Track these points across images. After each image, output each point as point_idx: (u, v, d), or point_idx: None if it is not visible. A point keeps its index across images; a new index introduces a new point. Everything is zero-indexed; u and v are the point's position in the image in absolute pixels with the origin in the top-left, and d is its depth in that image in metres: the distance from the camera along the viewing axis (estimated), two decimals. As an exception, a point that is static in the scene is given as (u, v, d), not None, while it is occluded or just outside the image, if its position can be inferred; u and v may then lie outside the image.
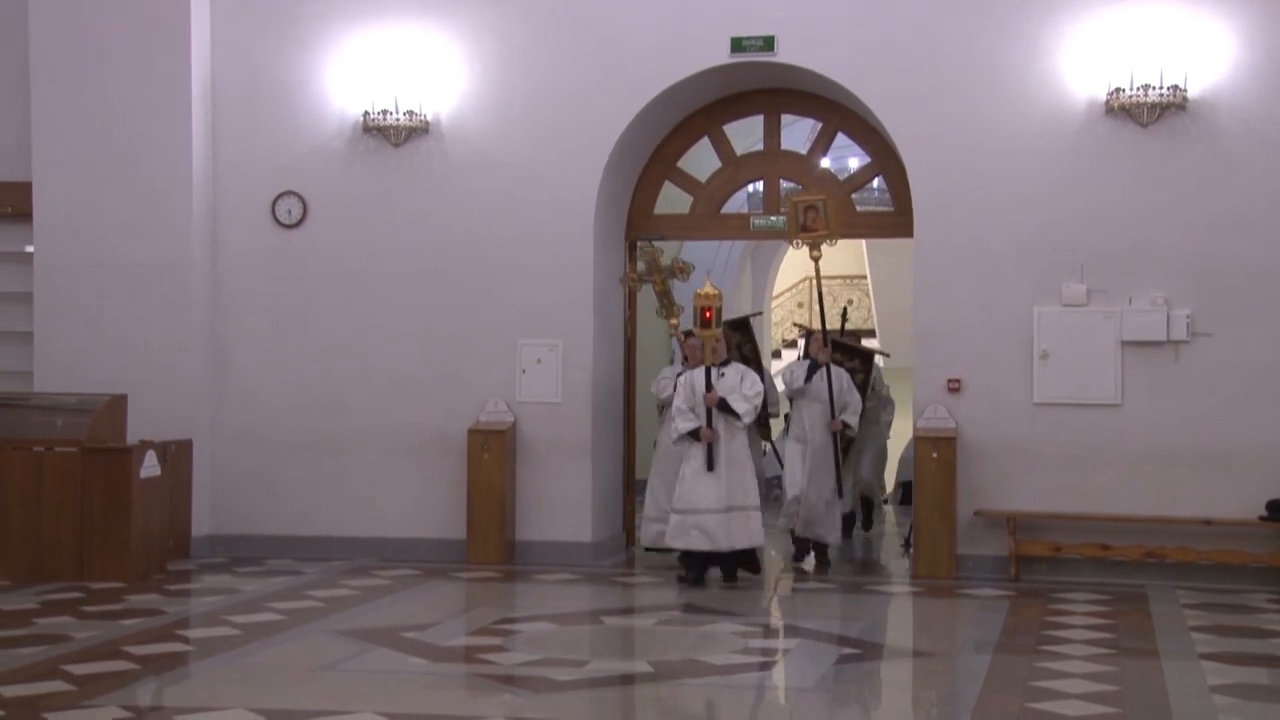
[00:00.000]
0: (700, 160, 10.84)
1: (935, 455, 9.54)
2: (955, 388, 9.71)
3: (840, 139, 10.59)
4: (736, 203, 11.65)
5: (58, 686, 6.34)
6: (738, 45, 9.90)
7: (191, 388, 10.30)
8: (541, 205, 10.12)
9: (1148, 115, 9.40)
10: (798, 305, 21.33)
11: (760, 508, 9.30)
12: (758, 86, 10.38)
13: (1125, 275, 9.53)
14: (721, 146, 10.64)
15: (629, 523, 10.88)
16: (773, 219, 10.62)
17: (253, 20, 10.44)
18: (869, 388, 11.48)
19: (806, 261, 10.37)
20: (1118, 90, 9.40)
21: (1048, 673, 6.75)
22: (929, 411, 9.71)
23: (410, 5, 10.29)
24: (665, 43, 9.98)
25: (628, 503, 10.87)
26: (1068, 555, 9.51)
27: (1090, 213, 9.56)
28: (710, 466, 9.03)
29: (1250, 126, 9.34)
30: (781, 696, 6.78)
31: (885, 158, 10.26)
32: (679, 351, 10.59)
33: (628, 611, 8.60)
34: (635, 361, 10.95)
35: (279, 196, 10.43)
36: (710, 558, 9.17)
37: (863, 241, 17.77)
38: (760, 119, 10.58)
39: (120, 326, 10.24)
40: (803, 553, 10.24)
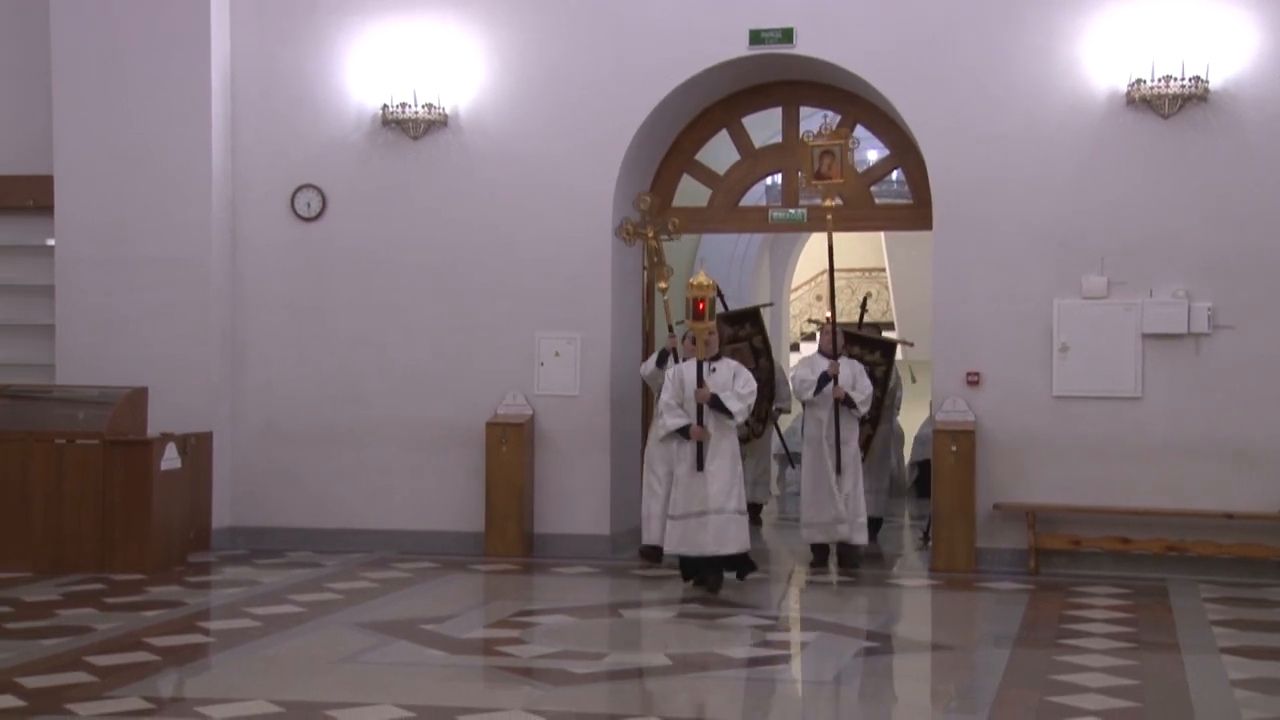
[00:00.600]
0: (719, 153, 10.82)
1: (954, 448, 9.51)
2: (974, 381, 9.69)
3: (859, 131, 10.55)
4: (755, 195, 11.61)
5: (80, 677, 6.38)
6: (756, 37, 9.88)
7: (211, 380, 10.34)
8: (560, 198, 10.12)
9: (1169, 107, 9.35)
10: (816, 298, 21.27)
11: (746, 512, 8.84)
12: (776, 79, 10.36)
13: (1146, 268, 9.48)
14: (740, 139, 10.63)
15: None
16: (791, 212, 10.60)
17: (272, 15, 10.47)
18: (888, 386, 11.17)
19: (824, 255, 10.32)
20: (1139, 81, 9.35)
21: (1067, 666, 6.73)
22: (948, 404, 9.68)
23: (429, -2, 10.31)
24: (683, 35, 9.97)
25: (646, 495, 10.86)
26: (1087, 549, 9.48)
27: (1111, 205, 9.52)
28: (700, 466, 8.63)
29: (1273, 118, 9.28)
30: (800, 690, 6.77)
31: (904, 150, 10.22)
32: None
33: (646, 604, 8.60)
34: (653, 354, 10.93)
35: (298, 190, 10.46)
36: (707, 561, 8.70)
37: (881, 234, 17.74)
38: (779, 111, 10.56)
39: (141, 319, 10.29)
40: (823, 558, 9.79)
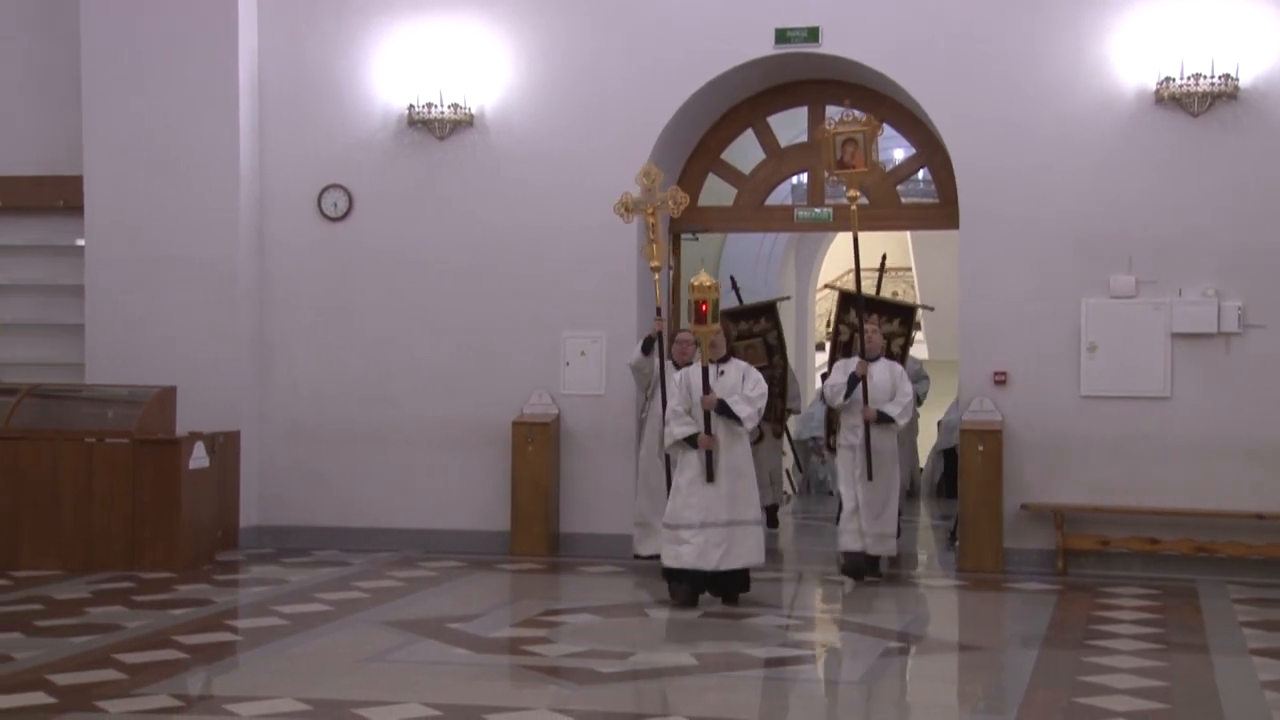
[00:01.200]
0: (744, 152, 10.81)
1: (981, 448, 9.47)
2: (1001, 380, 9.64)
3: (885, 130, 10.51)
4: (780, 194, 11.62)
5: (110, 675, 6.42)
6: (782, 36, 9.86)
7: (239, 380, 10.39)
8: (585, 197, 10.12)
9: (1198, 105, 9.28)
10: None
11: (762, 522, 8.41)
12: (802, 78, 10.34)
13: (1175, 267, 9.42)
14: (765, 138, 10.61)
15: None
16: (817, 211, 10.58)
17: (299, 16, 10.51)
18: (907, 362, 10.53)
19: (850, 254, 10.27)
20: (1168, 80, 9.29)
21: (1096, 667, 6.69)
22: (975, 404, 9.64)
23: (455, -1, 10.33)
24: (709, 34, 9.96)
25: (671, 495, 10.85)
26: (1116, 549, 9.42)
27: (1139, 203, 9.46)
28: (710, 476, 8.06)
29: (1303, 115, 9.21)
30: (827, 690, 6.76)
31: (930, 149, 10.19)
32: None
33: (671, 604, 8.59)
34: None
35: (325, 190, 10.50)
36: (704, 577, 8.15)
37: (908, 234, 17.67)
38: (804, 110, 10.54)
39: (169, 319, 10.35)
40: (854, 567, 9.17)
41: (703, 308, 8.13)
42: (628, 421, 10.11)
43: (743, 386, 8.21)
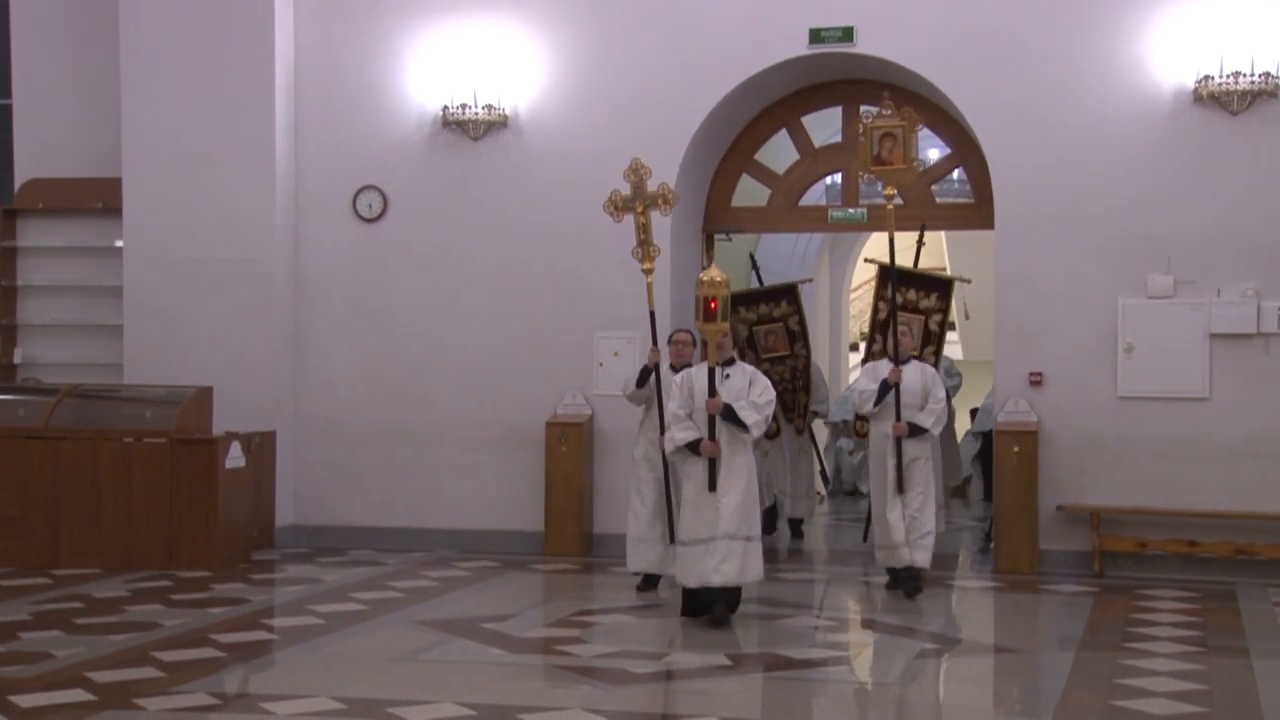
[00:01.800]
0: (778, 152, 10.79)
1: (1017, 449, 9.42)
2: (1037, 381, 9.58)
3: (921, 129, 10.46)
4: (814, 195, 11.57)
5: (148, 673, 6.47)
6: (816, 36, 9.84)
7: (275, 380, 10.46)
8: (619, 198, 10.11)
9: (1238, 103, 9.20)
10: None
11: (759, 538, 7.78)
12: (836, 78, 10.31)
13: (1213, 266, 9.34)
14: (799, 138, 10.59)
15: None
16: (851, 211, 10.54)
17: (334, 18, 10.57)
18: (943, 347, 10.16)
19: (885, 254, 10.22)
20: (1207, 78, 9.20)
21: (1133, 670, 6.64)
22: (1010, 405, 9.58)
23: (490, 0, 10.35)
24: (743, 34, 9.95)
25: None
26: (1153, 551, 9.34)
27: (1177, 203, 9.38)
28: (713, 485, 7.57)
29: (1345, 113, 9.11)
30: (861, 691, 6.73)
31: (965, 149, 10.14)
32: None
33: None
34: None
35: (360, 191, 10.55)
36: (713, 594, 7.65)
37: (942, 234, 17.57)
38: (839, 110, 10.51)
39: (206, 319, 10.43)
40: (898, 583, 8.68)
41: (711, 305, 7.57)
42: (661, 422, 10.09)
43: (749, 392, 7.68)
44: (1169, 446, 9.37)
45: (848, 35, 9.80)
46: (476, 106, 10.22)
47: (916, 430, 8.62)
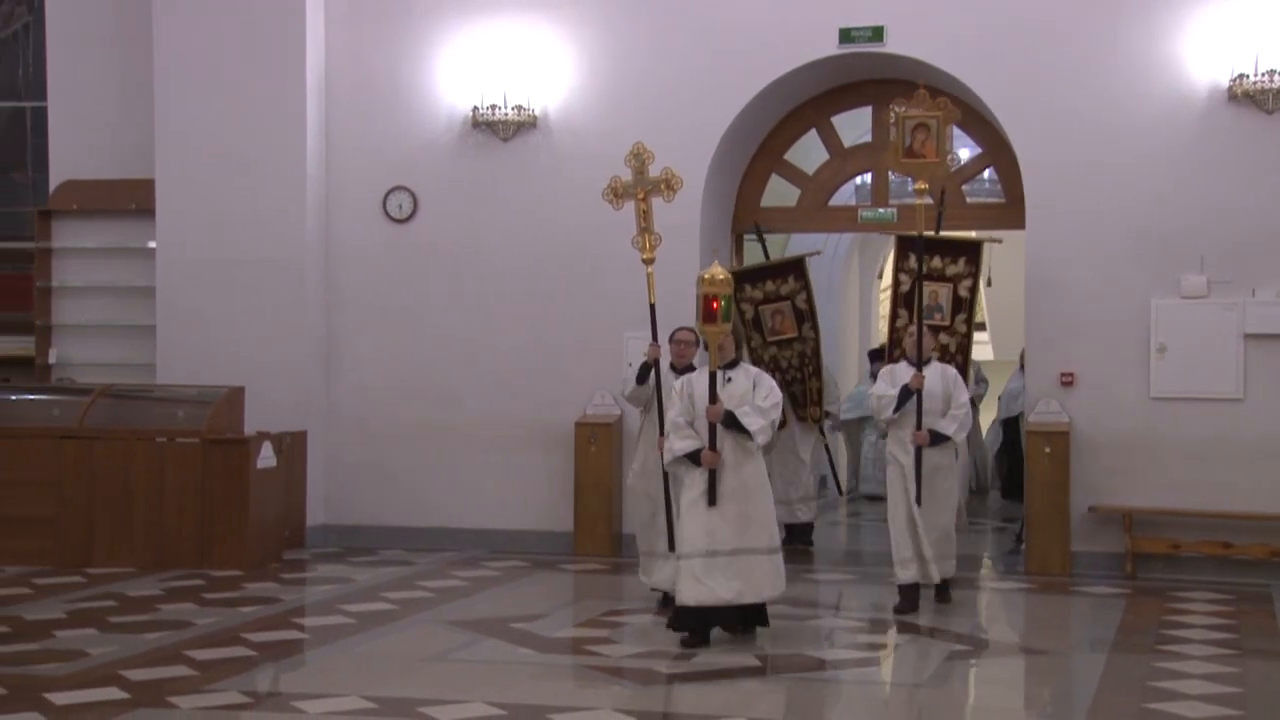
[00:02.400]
0: (807, 152, 10.76)
1: (1048, 450, 9.37)
2: (1069, 381, 9.53)
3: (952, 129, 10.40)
4: (844, 195, 11.53)
5: (181, 671, 6.52)
6: (846, 36, 9.81)
7: (306, 380, 10.51)
8: (648, 198, 10.10)
9: (1273, 102, 9.12)
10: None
11: (780, 549, 7.31)
12: (866, 77, 10.28)
13: (1248, 266, 9.26)
14: (829, 138, 10.56)
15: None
16: (881, 211, 10.51)
17: (365, 19, 10.62)
18: (969, 371, 9.53)
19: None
20: (1241, 76, 9.13)
21: (1166, 673, 6.60)
22: (1041, 405, 9.53)
23: (520, 0, 10.37)
24: (773, 34, 9.93)
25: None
26: (1187, 553, 9.27)
27: (1211, 202, 9.31)
28: (712, 500, 7.04)
29: (1381, 111, 9.02)
30: (891, 693, 6.71)
31: (996, 148, 10.09)
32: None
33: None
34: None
35: (390, 191, 10.59)
36: (714, 612, 7.16)
37: (972, 233, 17.50)
38: (869, 110, 10.48)
39: (238, 320, 10.49)
40: (911, 604, 8.14)
41: (713, 305, 7.06)
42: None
43: (753, 395, 7.14)
44: (1202, 447, 9.30)
45: (878, 35, 9.77)
46: (506, 107, 10.24)
47: (939, 438, 8.16)
